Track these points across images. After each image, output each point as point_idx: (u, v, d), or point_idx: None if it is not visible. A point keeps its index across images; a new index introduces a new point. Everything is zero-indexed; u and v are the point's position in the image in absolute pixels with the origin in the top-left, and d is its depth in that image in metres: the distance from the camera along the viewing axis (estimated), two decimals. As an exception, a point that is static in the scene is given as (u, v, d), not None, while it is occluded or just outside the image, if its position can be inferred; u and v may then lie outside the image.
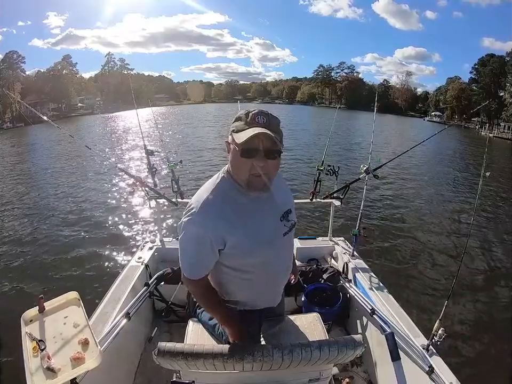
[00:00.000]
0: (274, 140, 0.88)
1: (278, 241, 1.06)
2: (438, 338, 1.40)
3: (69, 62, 52.39)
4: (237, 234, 0.96)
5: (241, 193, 0.99)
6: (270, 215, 1.06)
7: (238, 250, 0.99)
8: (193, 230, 0.96)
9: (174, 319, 2.10)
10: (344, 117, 36.33)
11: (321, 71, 73.33)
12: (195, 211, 0.95)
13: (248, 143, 0.89)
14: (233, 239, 0.96)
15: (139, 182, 2.27)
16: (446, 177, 10.57)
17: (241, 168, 0.94)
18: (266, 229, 1.03)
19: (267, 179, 0.94)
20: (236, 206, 0.98)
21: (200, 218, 0.95)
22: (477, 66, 46.34)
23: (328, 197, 2.43)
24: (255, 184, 0.94)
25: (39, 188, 8.64)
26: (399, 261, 4.54)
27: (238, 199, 0.98)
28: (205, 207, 0.95)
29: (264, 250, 1.01)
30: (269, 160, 0.92)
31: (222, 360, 0.98)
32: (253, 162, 0.91)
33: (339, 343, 1.03)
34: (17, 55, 44.38)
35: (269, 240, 1.03)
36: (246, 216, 0.99)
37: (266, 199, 1.03)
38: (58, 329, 1.26)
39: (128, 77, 54.78)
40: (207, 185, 1.02)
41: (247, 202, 0.99)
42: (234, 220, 0.96)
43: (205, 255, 0.99)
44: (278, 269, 1.12)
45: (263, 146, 0.90)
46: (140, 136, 2.76)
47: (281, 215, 1.08)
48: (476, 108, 27.01)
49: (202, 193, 0.99)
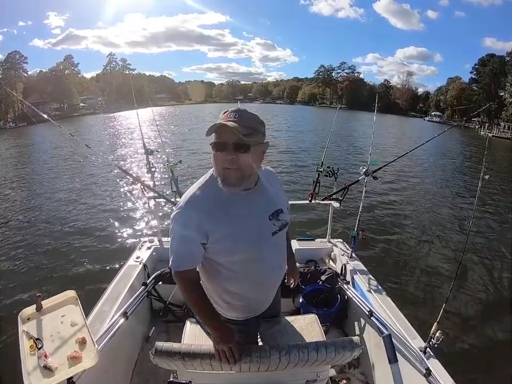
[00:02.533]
0: (236, 131, 0.89)
1: (266, 240, 1.06)
2: (436, 340, 1.40)
3: (70, 62, 52.81)
4: (220, 230, 0.98)
5: (225, 190, 1.00)
6: (257, 213, 1.05)
7: (221, 246, 1.01)
8: (179, 222, 1.00)
9: (172, 319, 2.10)
10: (344, 118, 36.30)
11: (322, 71, 73.26)
12: (182, 205, 1.00)
13: (218, 137, 0.93)
14: (216, 235, 0.99)
15: (138, 181, 2.27)
16: (445, 179, 10.55)
17: (216, 163, 0.97)
18: (251, 227, 1.03)
19: (240, 174, 0.96)
20: (221, 202, 1.00)
21: (186, 212, 0.99)
22: (477, 66, 46.43)
23: (327, 198, 2.44)
24: (227, 178, 0.96)
25: (38, 187, 8.62)
26: (397, 263, 4.54)
27: (222, 196, 1.00)
28: (191, 201, 1.00)
29: (248, 248, 1.02)
30: (239, 154, 0.93)
31: (219, 361, 0.98)
32: (224, 156, 0.94)
33: (336, 344, 1.03)
34: (19, 55, 44.86)
35: (254, 239, 1.03)
36: (230, 213, 1.00)
37: (254, 196, 1.04)
38: (55, 328, 1.26)
39: (129, 77, 54.94)
40: (196, 183, 1.06)
41: (233, 200, 1.01)
42: (218, 216, 0.99)
43: (189, 246, 1.01)
44: (267, 268, 1.11)
45: (233, 141, 0.92)
46: (140, 136, 2.76)
47: (271, 214, 1.08)
48: (476, 111, 27.02)
49: (191, 189, 1.04)
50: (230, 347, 1.00)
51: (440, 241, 5.39)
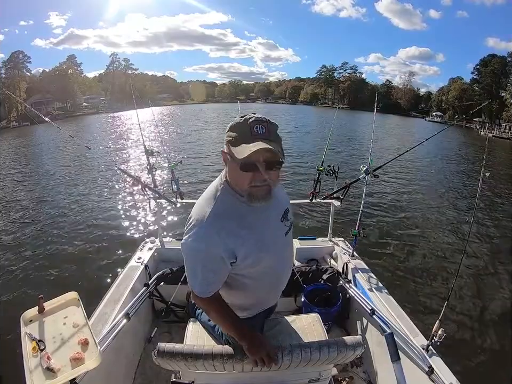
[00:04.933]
0: (276, 152, 0.86)
1: (281, 241, 1.08)
2: (438, 338, 1.40)
3: (74, 62, 53.28)
4: (246, 244, 0.96)
5: (243, 203, 0.97)
6: (273, 218, 1.06)
7: (249, 259, 0.98)
8: (200, 247, 0.93)
9: (174, 320, 2.10)
10: (345, 117, 36.31)
11: (324, 71, 73.37)
12: (199, 229, 0.93)
13: (248, 157, 0.85)
14: (244, 250, 0.96)
15: (139, 182, 2.27)
16: (446, 178, 10.54)
17: (241, 180, 0.92)
18: (270, 234, 1.03)
19: (268, 189, 0.93)
20: (239, 217, 0.96)
21: (207, 235, 0.92)
22: (479, 66, 46.42)
23: (328, 197, 2.43)
24: (256, 195, 0.92)
25: (39, 189, 8.63)
26: (398, 261, 4.53)
27: (241, 210, 0.97)
28: (209, 221, 0.93)
29: (270, 252, 1.02)
30: (270, 171, 0.90)
31: (222, 361, 0.98)
32: (254, 175, 0.89)
33: (339, 343, 1.03)
34: (23, 55, 45.27)
35: (274, 241, 1.03)
36: (251, 225, 0.98)
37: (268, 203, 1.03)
38: (57, 330, 1.26)
39: (131, 76, 55.07)
40: (207, 198, 0.99)
41: (250, 211, 0.98)
42: (241, 231, 0.95)
43: (216, 270, 0.97)
44: (283, 268, 1.13)
45: (264, 159, 0.87)
46: (141, 136, 2.77)
47: (282, 216, 1.09)
48: (475, 109, 27.05)
49: (203, 207, 0.96)
50: (268, 352, 0.97)
51: (442, 238, 5.39)
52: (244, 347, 0.99)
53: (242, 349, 0.99)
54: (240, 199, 0.97)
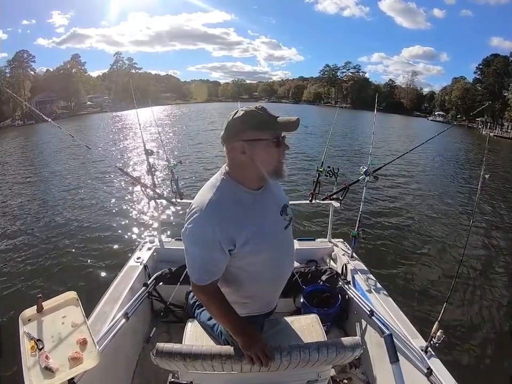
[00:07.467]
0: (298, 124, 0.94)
1: (281, 235, 1.09)
2: (437, 340, 1.39)
3: (78, 61, 53.41)
4: (245, 232, 0.97)
5: (244, 192, 1.01)
6: (272, 210, 1.08)
7: (248, 248, 0.98)
8: (200, 233, 0.95)
9: (173, 320, 2.10)
10: (347, 117, 36.23)
11: (327, 70, 73.08)
12: (200, 214, 0.94)
13: (278, 133, 0.96)
14: (243, 238, 0.97)
15: (138, 182, 2.27)
16: (446, 178, 10.52)
17: (271, 158, 0.98)
18: (270, 224, 1.05)
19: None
20: (240, 205, 0.99)
21: (206, 220, 0.94)
22: (481, 66, 46.26)
23: (327, 198, 2.43)
24: (280, 171, 1.00)
25: (39, 188, 8.66)
26: (398, 262, 4.53)
27: (242, 198, 1.00)
28: (210, 208, 0.94)
29: (270, 244, 1.03)
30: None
31: (221, 361, 0.98)
32: (281, 150, 0.98)
33: (337, 344, 1.03)
34: (27, 54, 45.36)
35: (274, 233, 1.05)
36: (251, 214, 1.00)
37: (266, 195, 1.06)
38: (56, 329, 1.27)
39: (136, 76, 55.20)
40: (207, 188, 1.01)
41: (251, 200, 1.01)
42: (241, 219, 0.97)
43: (215, 257, 0.97)
44: (283, 262, 1.13)
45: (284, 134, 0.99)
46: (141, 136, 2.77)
47: (281, 209, 1.11)
48: (477, 109, 26.96)
49: (204, 195, 0.98)
50: (262, 348, 0.98)
51: (442, 240, 5.38)
52: (239, 343, 1.00)
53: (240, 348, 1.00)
54: (241, 188, 1.00)
